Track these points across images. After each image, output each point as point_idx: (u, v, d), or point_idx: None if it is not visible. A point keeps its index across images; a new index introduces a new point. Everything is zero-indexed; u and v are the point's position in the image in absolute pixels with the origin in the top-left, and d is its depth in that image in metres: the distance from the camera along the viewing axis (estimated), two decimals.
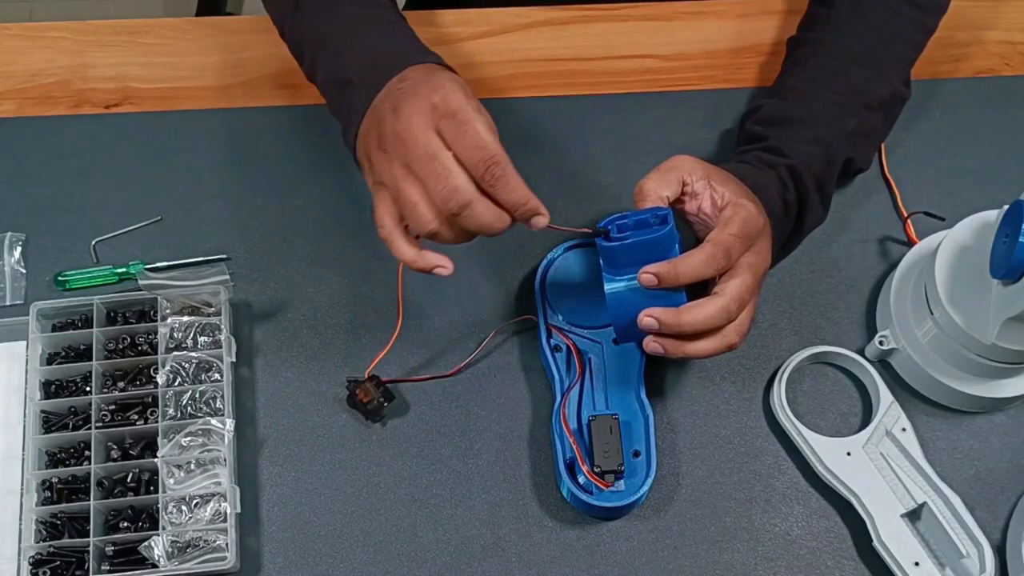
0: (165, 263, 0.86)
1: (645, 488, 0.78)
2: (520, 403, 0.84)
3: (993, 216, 0.80)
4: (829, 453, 0.81)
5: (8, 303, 0.86)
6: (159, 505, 0.77)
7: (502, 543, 0.80)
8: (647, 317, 0.71)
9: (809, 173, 0.81)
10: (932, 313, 0.81)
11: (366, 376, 0.81)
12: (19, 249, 0.87)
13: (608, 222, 0.72)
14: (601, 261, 0.73)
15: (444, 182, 0.66)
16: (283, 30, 0.86)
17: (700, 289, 0.73)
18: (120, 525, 0.77)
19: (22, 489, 0.78)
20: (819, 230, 0.89)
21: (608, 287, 0.72)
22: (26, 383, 0.81)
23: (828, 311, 0.88)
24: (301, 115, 0.94)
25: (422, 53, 0.77)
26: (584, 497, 0.77)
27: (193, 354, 0.81)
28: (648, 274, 0.70)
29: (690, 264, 0.70)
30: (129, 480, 0.78)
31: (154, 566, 0.75)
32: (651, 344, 0.72)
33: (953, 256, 0.81)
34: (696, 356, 0.73)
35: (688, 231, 0.76)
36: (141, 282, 0.81)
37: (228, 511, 0.76)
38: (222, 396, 0.80)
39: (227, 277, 0.82)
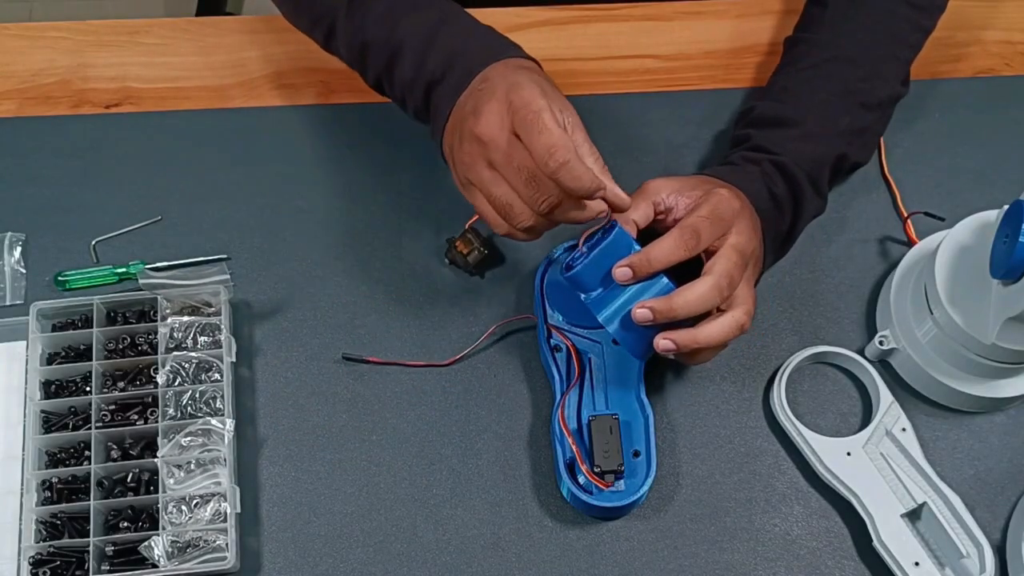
0: (165, 263, 0.86)
1: (645, 488, 0.78)
2: (520, 403, 0.84)
3: (993, 216, 0.80)
4: (829, 453, 0.81)
5: (8, 303, 0.86)
6: (159, 505, 0.77)
7: (502, 543, 0.80)
8: (640, 309, 0.71)
9: (798, 166, 0.81)
10: (932, 313, 0.81)
11: (465, 228, 0.84)
12: (19, 249, 0.87)
13: (561, 252, 0.74)
14: (583, 298, 0.74)
15: (539, 187, 0.68)
16: (330, 39, 0.84)
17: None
18: (120, 525, 0.77)
19: (22, 489, 0.78)
20: (819, 230, 0.89)
21: (600, 317, 0.73)
22: (26, 383, 0.81)
23: (828, 311, 0.88)
24: (301, 115, 0.94)
25: (503, 48, 0.76)
26: (584, 497, 0.77)
27: (193, 354, 0.81)
28: (622, 268, 0.71)
29: (661, 249, 0.71)
30: (129, 480, 0.78)
31: (154, 566, 0.75)
32: (663, 342, 0.72)
33: (953, 256, 0.81)
34: (709, 343, 0.72)
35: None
36: (142, 282, 0.81)
37: (228, 511, 0.76)
38: (222, 396, 0.80)
39: (227, 277, 0.82)
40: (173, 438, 0.78)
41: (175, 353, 0.81)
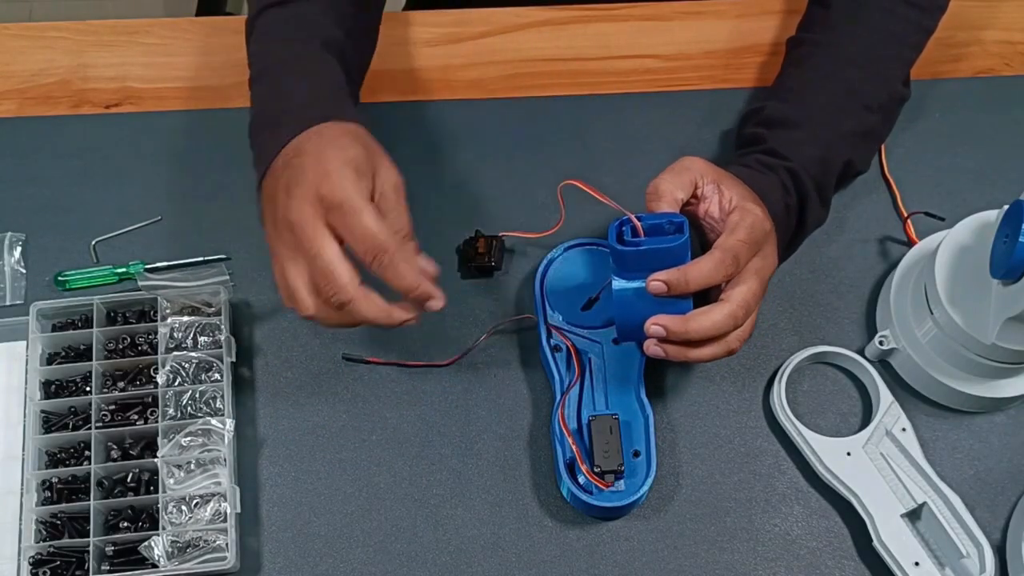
0: (165, 263, 0.86)
1: (645, 488, 0.78)
2: (520, 403, 0.84)
3: (993, 216, 0.80)
4: (829, 453, 0.81)
5: (8, 303, 0.86)
6: (159, 505, 0.77)
7: (502, 543, 0.80)
8: (654, 325, 0.71)
9: (808, 175, 0.81)
10: (932, 313, 0.81)
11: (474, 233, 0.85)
12: (19, 249, 0.87)
13: (623, 222, 0.72)
14: (612, 261, 0.73)
15: (328, 280, 0.67)
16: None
17: (703, 294, 0.73)
18: (120, 525, 0.77)
19: (22, 489, 0.78)
20: (819, 230, 0.89)
21: (616, 285, 0.73)
22: (26, 383, 0.81)
23: (828, 311, 0.88)
24: None
25: (327, 111, 0.73)
26: (584, 497, 0.77)
27: (193, 354, 0.81)
28: (658, 281, 0.70)
29: (700, 271, 0.70)
30: (129, 480, 0.78)
31: (154, 566, 0.75)
32: (652, 348, 0.73)
33: (953, 256, 0.81)
34: (698, 361, 0.74)
35: (694, 234, 0.77)
36: (141, 283, 0.81)
37: (228, 511, 0.76)
38: (222, 396, 0.80)
39: (227, 277, 0.82)
40: (173, 438, 0.78)
41: (175, 353, 0.81)
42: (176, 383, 0.81)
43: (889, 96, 0.87)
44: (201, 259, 0.87)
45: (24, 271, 0.87)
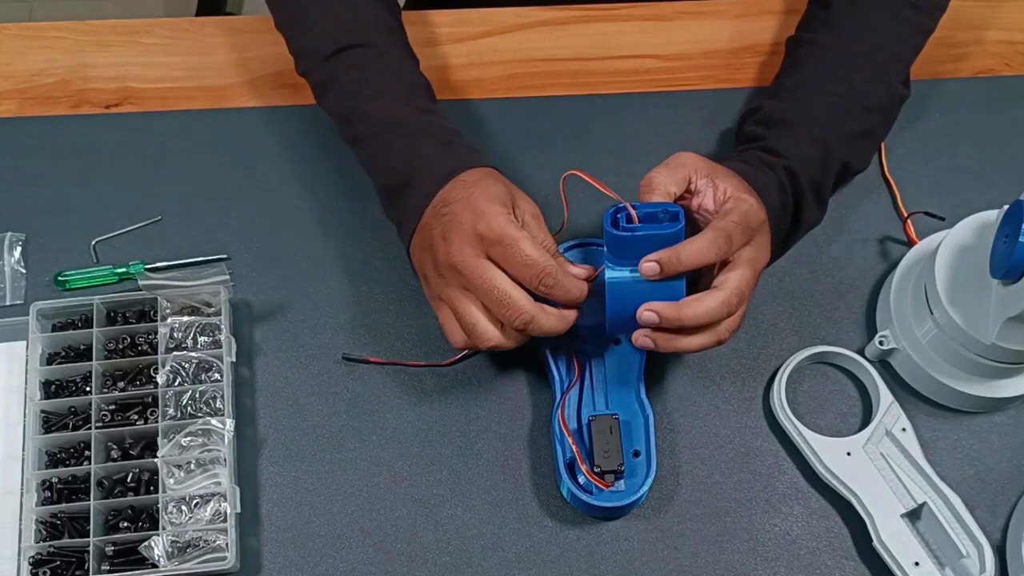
0: (165, 263, 0.86)
1: (645, 488, 0.78)
2: (520, 403, 0.84)
3: (993, 216, 0.80)
4: (829, 453, 0.81)
5: (8, 303, 0.86)
6: (159, 505, 0.77)
7: (502, 543, 0.80)
8: (647, 311, 0.71)
9: (805, 174, 0.81)
10: (932, 313, 0.81)
11: None
12: (19, 249, 0.87)
13: (618, 208, 0.72)
14: (605, 248, 0.73)
15: (507, 307, 0.72)
16: (307, 77, 0.87)
17: (692, 285, 0.73)
18: (120, 525, 0.77)
19: (22, 489, 0.78)
20: (819, 230, 0.89)
21: (609, 275, 0.72)
22: (26, 383, 0.81)
23: (828, 311, 0.88)
24: (301, 115, 0.94)
25: (458, 159, 0.77)
26: (584, 497, 0.77)
27: (193, 354, 0.81)
28: (651, 263, 0.70)
29: (692, 250, 0.70)
30: (129, 480, 0.78)
31: (154, 566, 0.75)
32: (641, 339, 0.73)
33: (953, 256, 0.81)
34: (686, 351, 0.73)
35: (688, 229, 0.77)
36: (141, 283, 0.81)
37: (228, 511, 0.77)
38: (222, 396, 0.80)
39: (227, 277, 0.82)
40: (173, 438, 0.78)
41: (175, 353, 0.81)
42: (176, 383, 0.81)
43: (889, 96, 0.87)
44: (201, 259, 0.87)
45: (24, 271, 0.87)
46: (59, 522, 0.77)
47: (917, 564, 0.77)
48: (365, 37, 0.83)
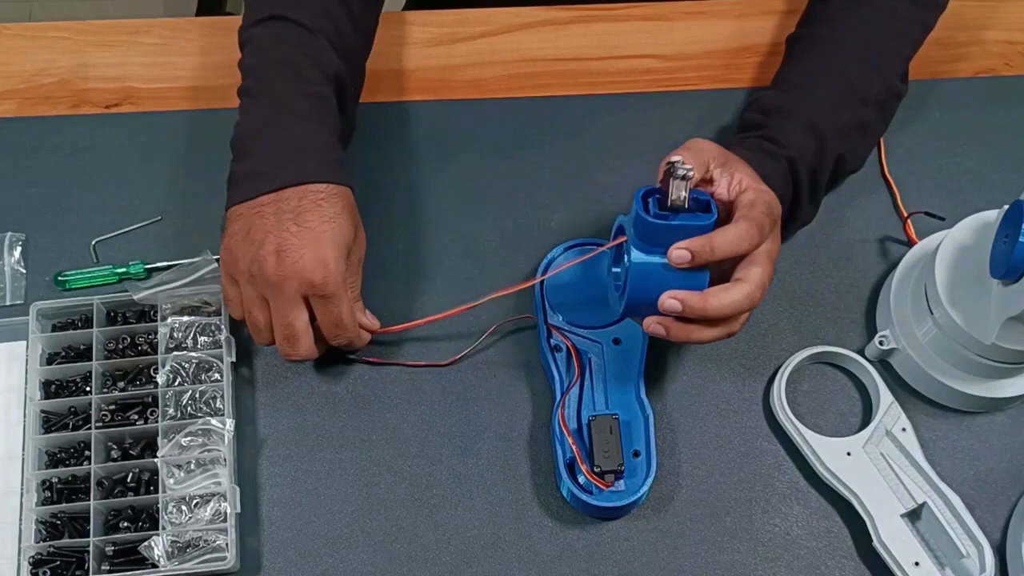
0: (165, 263, 0.86)
1: (645, 488, 0.78)
2: (520, 403, 0.84)
3: (993, 216, 0.80)
4: (829, 453, 0.81)
5: (8, 303, 0.86)
6: (159, 505, 0.77)
7: (502, 543, 0.80)
8: (671, 299, 0.70)
9: (803, 164, 0.81)
10: (932, 313, 0.81)
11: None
12: (19, 249, 0.87)
13: (647, 192, 0.71)
14: (632, 231, 0.71)
15: (291, 344, 0.76)
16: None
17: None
18: (120, 525, 0.77)
19: (22, 489, 0.78)
20: (819, 230, 0.89)
21: (636, 258, 0.71)
22: (26, 383, 0.81)
23: (828, 311, 0.88)
24: None
25: (318, 160, 0.77)
26: (584, 497, 0.77)
27: (193, 354, 0.81)
28: (681, 250, 0.69)
29: (726, 239, 0.70)
30: (129, 480, 0.78)
31: (154, 566, 0.75)
32: (653, 325, 0.72)
33: (953, 256, 0.81)
34: (699, 342, 0.73)
35: None
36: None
37: (228, 511, 0.76)
38: (222, 396, 0.80)
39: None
40: (173, 438, 0.78)
41: (175, 353, 0.81)
42: (176, 383, 0.81)
43: (886, 91, 0.87)
44: (200, 259, 0.86)
45: (24, 271, 0.87)
46: (59, 522, 0.77)
47: (917, 564, 0.77)
48: (296, 14, 0.80)
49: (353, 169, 0.92)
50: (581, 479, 0.78)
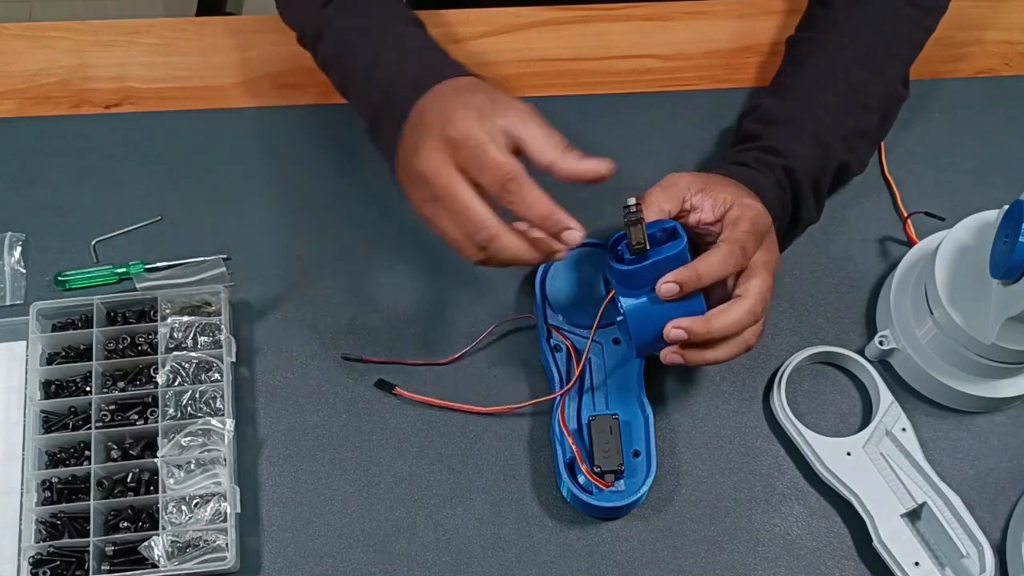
0: (165, 263, 0.86)
1: (645, 488, 0.78)
2: (520, 403, 0.84)
3: (993, 216, 0.80)
4: (829, 453, 0.81)
5: (8, 303, 0.86)
6: (159, 505, 0.77)
7: (502, 543, 0.80)
8: (675, 329, 0.71)
9: (804, 173, 0.81)
10: (932, 313, 0.81)
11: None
12: (19, 249, 0.87)
13: (616, 239, 0.72)
14: (615, 281, 0.73)
15: (467, 217, 0.67)
16: (307, 44, 0.86)
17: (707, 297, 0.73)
18: (120, 525, 0.77)
19: (22, 489, 0.78)
20: (819, 230, 0.89)
21: (626, 304, 0.72)
22: (26, 383, 0.81)
23: (828, 311, 0.88)
24: (301, 115, 0.94)
25: (437, 71, 0.75)
26: (584, 497, 0.77)
27: (193, 354, 0.81)
28: (669, 284, 0.70)
29: (709, 265, 0.70)
30: (129, 480, 0.78)
31: (154, 566, 0.75)
32: (670, 356, 0.72)
33: (953, 256, 0.81)
34: (715, 362, 0.73)
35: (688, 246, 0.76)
36: (139, 285, 0.81)
37: (228, 511, 0.76)
38: (222, 396, 0.80)
39: (223, 270, 0.82)
40: (173, 438, 0.78)
41: (175, 353, 0.81)
42: (176, 383, 0.81)
43: (888, 95, 0.87)
44: (201, 259, 0.87)
45: (24, 271, 0.87)
46: (59, 522, 0.77)
47: (917, 564, 0.77)
48: None
49: (353, 168, 0.92)
50: (581, 479, 0.78)
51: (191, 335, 0.82)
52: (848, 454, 0.81)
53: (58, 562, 0.76)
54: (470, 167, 0.68)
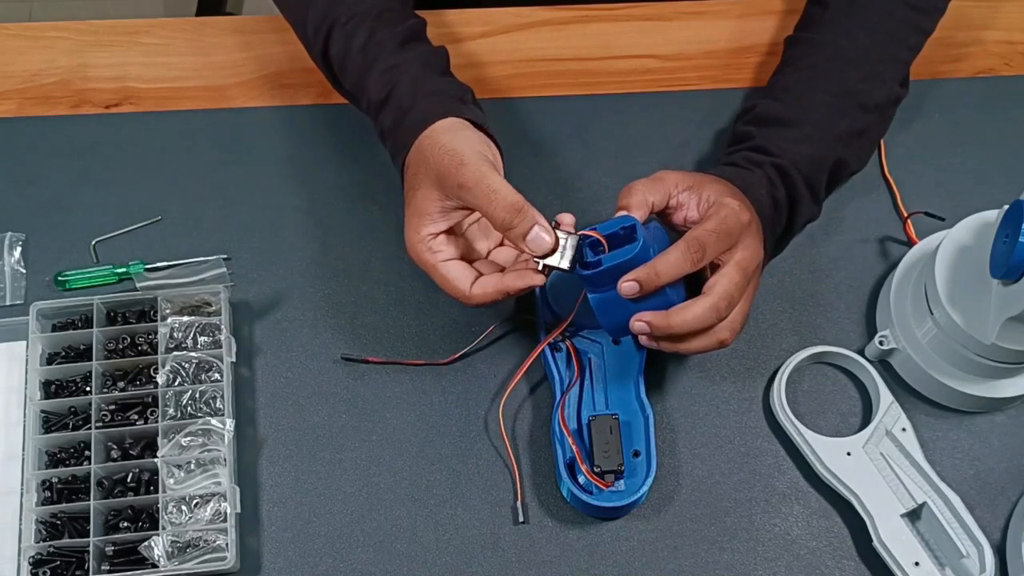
0: (165, 263, 0.86)
1: (645, 488, 0.78)
2: (520, 403, 0.84)
3: (993, 216, 0.80)
4: (829, 453, 0.81)
5: (8, 303, 0.86)
6: (159, 505, 0.77)
7: (502, 543, 0.80)
8: (638, 322, 0.72)
9: (797, 170, 0.81)
10: (932, 313, 0.81)
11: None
12: (19, 249, 0.87)
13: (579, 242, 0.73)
14: (583, 282, 0.73)
15: (447, 288, 0.75)
16: (310, 45, 0.86)
17: (695, 288, 0.73)
18: (120, 525, 0.77)
19: (22, 489, 0.78)
20: (819, 230, 0.89)
21: (592, 297, 0.73)
22: (26, 383, 0.81)
23: (828, 311, 0.88)
24: (301, 115, 0.94)
25: (440, 110, 0.77)
26: (584, 497, 0.77)
27: (193, 354, 0.81)
28: (629, 282, 0.70)
29: (667, 262, 0.71)
30: (129, 480, 0.78)
31: (154, 566, 0.75)
32: (645, 340, 0.74)
33: (953, 256, 0.81)
34: (688, 353, 0.75)
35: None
36: (139, 284, 0.81)
37: (228, 511, 0.77)
38: (222, 396, 0.80)
39: (224, 270, 0.82)
40: (173, 438, 0.78)
41: (175, 353, 0.81)
42: (176, 383, 0.81)
43: (885, 96, 0.87)
44: (201, 259, 0.87)
45: (24, 271, 0.87)
46: (59, 522, 0.77)
47: (917, 564, 0.77)
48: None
49: (353, 168, 0.92)
50: (581, 479, 0.78)
51: (191, 335, 0.82)
52: (848, 454, 0.81)
53: (58, 562, 0.76)
54: (479, 199, 0.71)
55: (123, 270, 0.86)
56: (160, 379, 0.80)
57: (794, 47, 0.90)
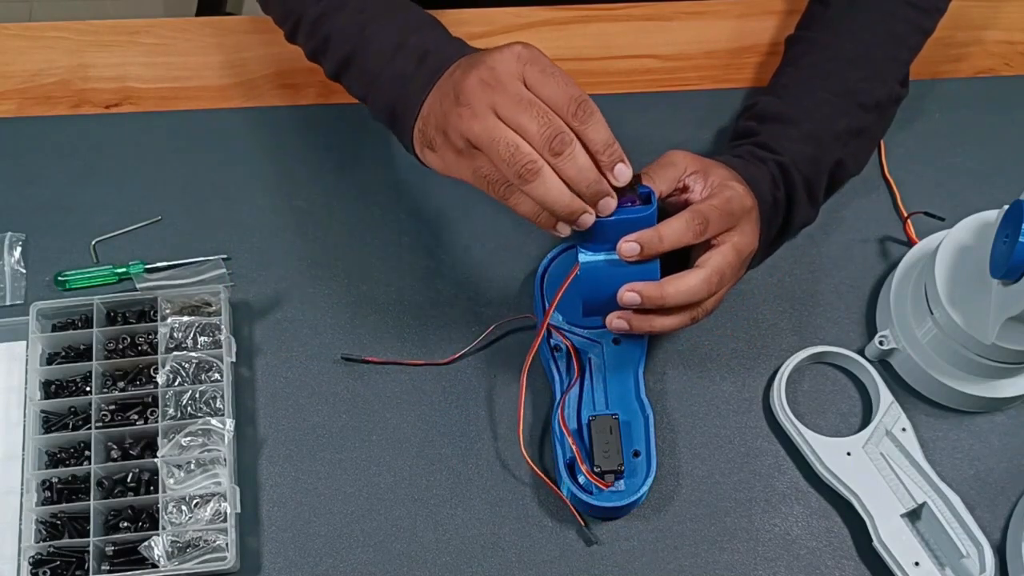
0: (165, 263, 0.86)
1: (645, 488, 0.78)
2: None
3: (993, 216, 0.80)
4: (829, 453, 0.81)
5: (8, 303, 0.86)
6: (159, 505, 0.77)
7: (502, 543, 0.80)
8: (629, 292, 0.71)
9: (797, 170, 0.81)
10: (932, 313, 0.81)
11: None
12: (19, 249, 0.87)
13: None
14: (576, 236, 0.72)
15: (547, 123, 0.67)
16: (296, 31, 0.85)
17: (673, 267, 0.73)
18: (120, 525, 0.77)
19: (22, 489, 0.78)
20: (819, 230, 0.89)
21: (583, 259, 0.72)
22: (26, 383, 0.81)
23: (828, 311, 0.88)
24: (301, 115, 0.94)
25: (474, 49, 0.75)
26: (584, 497, 0.77)
27: (193, 354, 0.81)
28: (630, 243, 0.70)
29: (671, 229, 0.71)
30: (129, 480, 0.78)
31: (154, 566, 0.75)
32: (616, 321, 0.73)
33: (953, 256, 0.81)
34: (661, 331, 0.73)
35: None
36: (139, 285, 0.81)
37: (228, 511, 0.77)
38: (222, 396, 0.80)
39: (224, 271, 0.82)
40: (173, 438, 0.78)
41: (175, 353, 0.81)
42: (176, 383, 0.81)
43: (886, 95, 0.87)
44: (201, 259, 0.87)
45: (24, 271, 0.87)
46: (59, 522, 0.77)
47: (917, 564, 0.77)
48: None
49: (352, 168, 0.92)
50: (581, 479, 0.78)
51: (191, 335, 0.82)
52: (848, 454, 0.81)
53: (58, 562, 0.76)
54: (541, 86, 0.68)
55: (123, 270, 0.86)
56: (160, 379, 0.80)
57: (795, 46, 0.90)
